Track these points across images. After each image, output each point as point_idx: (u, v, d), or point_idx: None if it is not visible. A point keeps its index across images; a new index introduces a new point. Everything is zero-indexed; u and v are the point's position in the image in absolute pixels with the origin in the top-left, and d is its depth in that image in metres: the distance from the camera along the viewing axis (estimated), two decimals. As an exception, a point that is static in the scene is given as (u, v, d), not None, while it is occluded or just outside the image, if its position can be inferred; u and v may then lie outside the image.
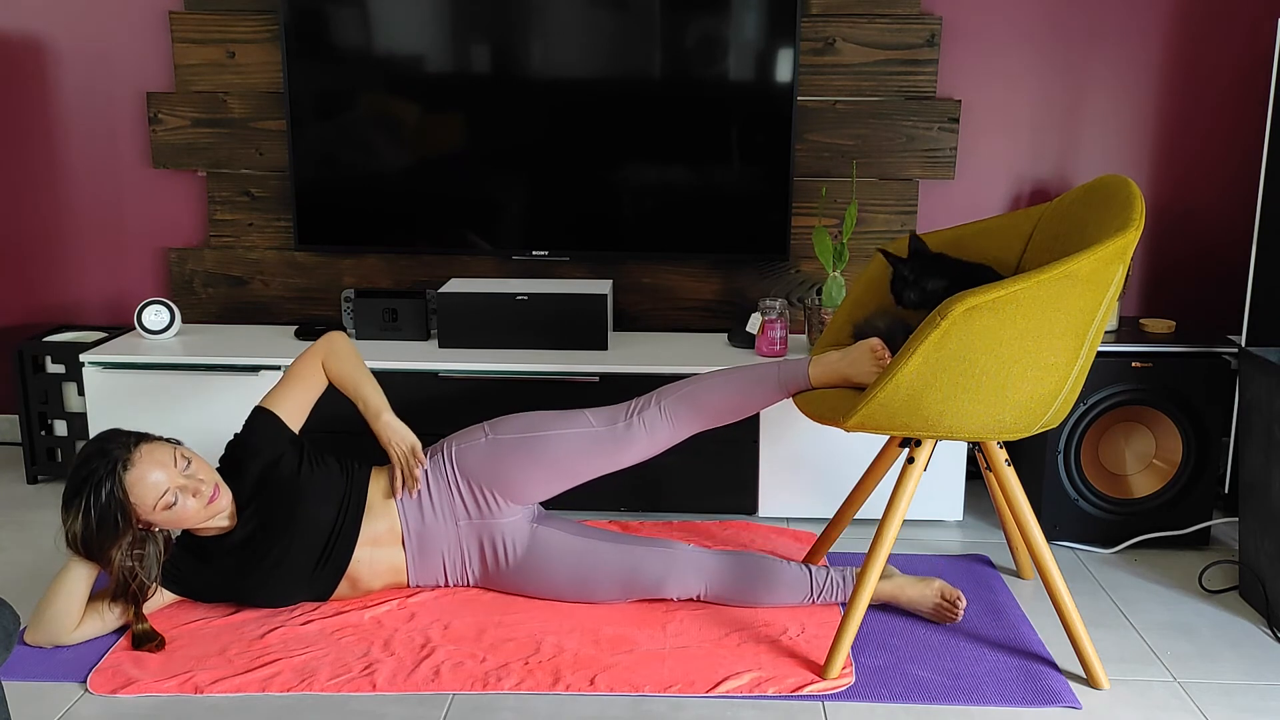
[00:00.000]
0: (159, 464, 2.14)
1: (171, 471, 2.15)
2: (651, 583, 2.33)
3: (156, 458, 2.15)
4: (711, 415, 2.33)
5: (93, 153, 3.20)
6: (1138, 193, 2.01)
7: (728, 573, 2.34)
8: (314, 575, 2.30)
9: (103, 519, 2.09)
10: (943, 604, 2.31)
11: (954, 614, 2.30)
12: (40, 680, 2.09)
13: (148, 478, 2.12)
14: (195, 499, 2.17)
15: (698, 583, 2.34)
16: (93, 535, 2.10)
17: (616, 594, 2.35)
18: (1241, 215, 3.09)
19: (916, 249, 2.34)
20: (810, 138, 3.06)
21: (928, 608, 2.32)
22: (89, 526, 2.10)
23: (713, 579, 2.34)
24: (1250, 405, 2.39)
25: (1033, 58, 3.03)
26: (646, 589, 2.34)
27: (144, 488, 2.12)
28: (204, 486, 2.18)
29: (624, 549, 2.35)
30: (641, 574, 2.33)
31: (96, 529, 2.10)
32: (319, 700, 2.03)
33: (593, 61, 2.95)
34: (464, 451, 2.36)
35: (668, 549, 2.36)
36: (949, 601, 2.30)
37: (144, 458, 2.13)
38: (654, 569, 2.33)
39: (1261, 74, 3.00)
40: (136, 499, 2.12)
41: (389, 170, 3.05)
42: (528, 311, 2.90)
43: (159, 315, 3.01)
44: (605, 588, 2.34)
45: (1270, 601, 2.34)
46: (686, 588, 2.35)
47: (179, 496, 2.15)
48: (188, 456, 2.20)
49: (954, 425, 2.00)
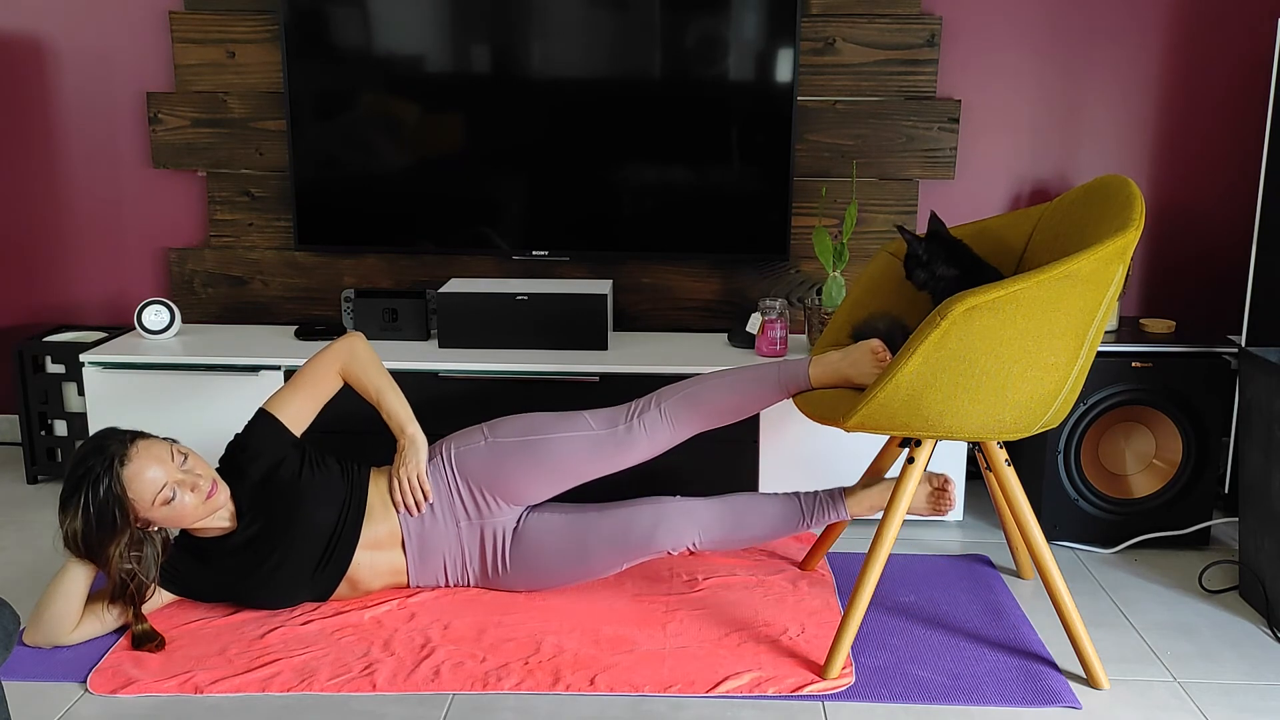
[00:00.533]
0: (156, 459, 2.14)
1: (169, 466, 2.15)
2: (644, 536, 2.31)
3: (154, 453, 2.15)
4: (712, 416, 2.34)
5: (93, 153, 3.20)
6: (1138, 193, 2.01)
7: (718, 515, 2.34)
8: (314, 577, 2.30)
9: (101, 516, 2.09)
10: (934, 491, 2.39)
11: (948, 497, 2.38)
12: (40, 680, 2.09)
13: (145, 473, 2.12)
14: (193, 494, 2.16)
15: (690, 530, 2.32)
16: (91, 533, 2.10)
17: (613, 557, 2.33)
18: (1241, 215, 3.09)
19: (935, 230, 2.35)
20: (810, 138, 3.06)
21: (923, 503, 2.40)
22: (88, 524, 2.09)
23: (704, 525, 2.33)
24: (1250, 405, 2.39)
25: (1033, 58, 3.03)
26: (641, 544, 2.31)
27: (142, 483, 2.12)
28: (201, 481, 2.18)
29: (611, 511, 2.34)
30: (633, 530, 2.31)
31: (95, 526, 2.09)
32: (319, 700, 2.03)
33: (593, 61, 2.95)
34: (464, 454, 2.36)
35: (654, 502, 2.35)
36: (938, 488, 2.39)
37: (141, 453, 2.13)
38: (644, 522, 2.31)
39: (1261, 74, 3.00)
40: (135, 494, 2.11)
41: (389, 170, 3.05)
42: (528, 311, 2.90)
43: (159, 315, 3.01)
44: (600, 554, 2.33)
45: (1270, 601, 2.34)
46: (680, 537, 2.32)
47: (177, 491, 2.14)
48: (184, 452, 2.20)
49: (954, 425, 2.00)
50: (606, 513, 2.35)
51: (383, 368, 2.39)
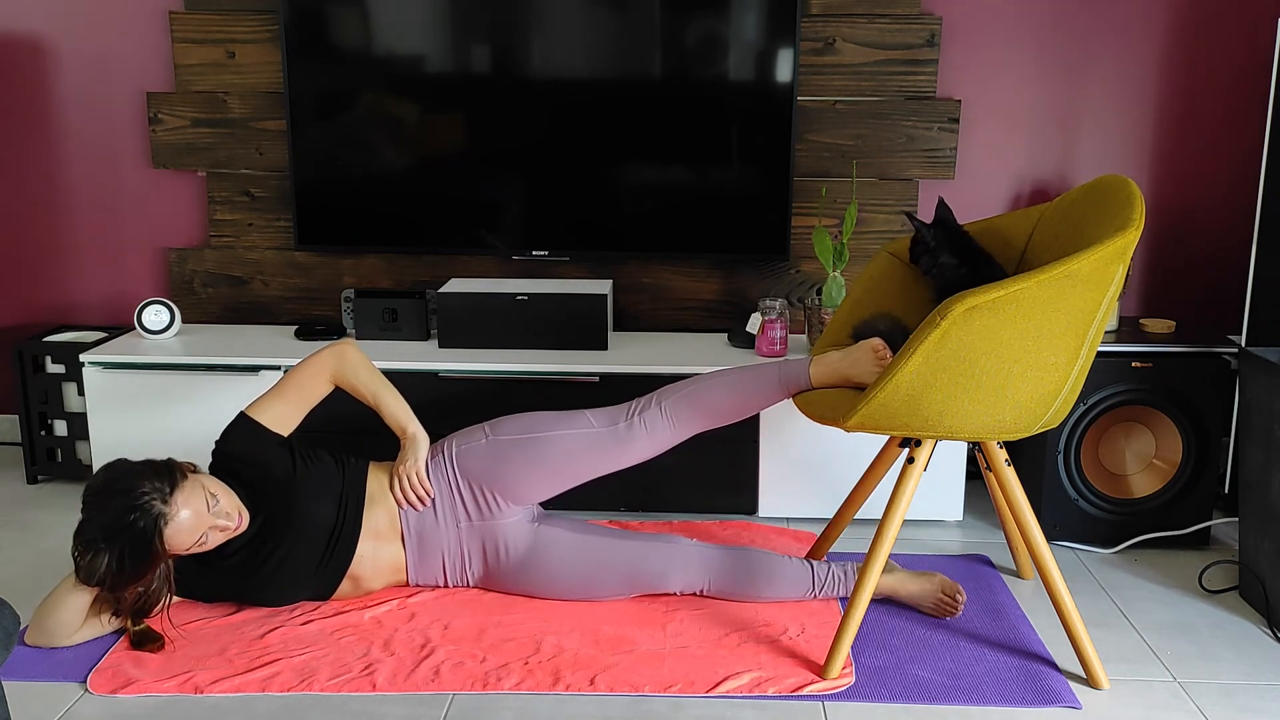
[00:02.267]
0: (195, 512, 2.13)
1: (205, 516, 2.14)
2: (655, 577, 2.33)
3: (193, 505, 2.13)
4: (712, 416, 2.34)
5: (93, 153, 3.20)
6: (1138, 193, 2.01)
7: (730, 567, 2.34)
8: (317, 572, 2.30)
9: (135, 567, 2.08)
10: (943, 599, 2.32)
11: (954, 608, 2.31)
12: (40, 680, 2.09)
13: (184, 527, 2.11)
14: (223, 534, 2.18)
15: (701, 577, 2.35)
16: (118, 579, 2.09)
17: (620, 589, 2.35)
18: (1241, 215, 3.09)
19: (942, 216, 2.35)
20: (810, 138, 3.06)
21: (929, 603, 2.33)
22: (118, 572, 2.08)
23: (715, 573, 2.35)
24: (1250, 405, 2.39)
25: (1033, 57, 3.03)
26: (650, 583, 2.34)
27: (181, 536, 2.12)
28: (230, 521, 2.18)
29: (626, 544, 2.35)
30: (644, 568, 2.33)
31: (126, 574, 2.09)
32: (319, 700, 2.03)
33: (593, 61, 2.95)
34: (464, 453, 2.36)
35: (670, 543, 2.36)
36: (949, 596, 2.32)
37: (181, 507, 2.11)
38: (657, 563, 2.33)
39: (1261, 74, 3.00)
40: (172, 547, 2.12)
41: (389, 170, 3.05)
42: (528, 311, 2.90)
43: (159, 315, 3.01)
44: (608, 583, 2.34)
45: (1270, 601, 2.34)
46: (690, 582, 2.35)
47: (209, 535, 2.16)
48: (215, 493, 2.17)
49: (954, 425, 2.00)
50: (621, 543, 2.35)
51: (375, 370, 2.37)
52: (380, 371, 2.39)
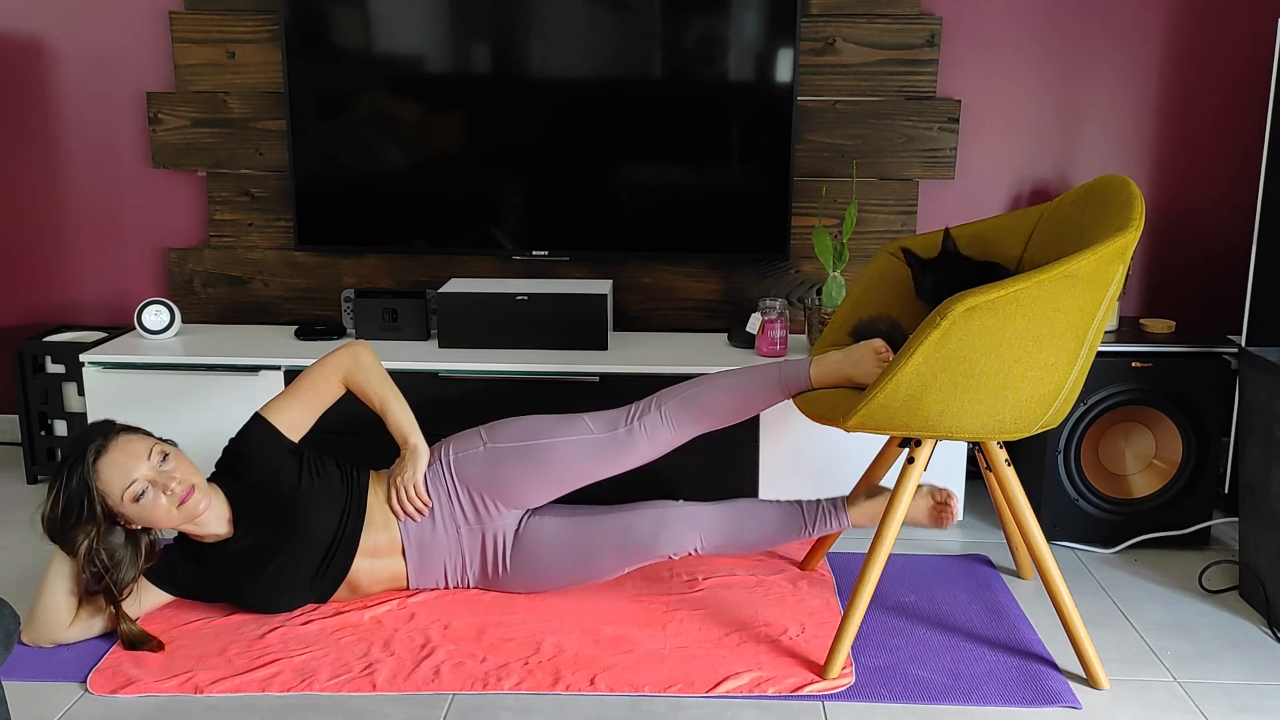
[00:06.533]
0: (132, 454, 2.14)
1: (144, 463, 2.14)
2: (646, 540, 2.30)
3: (131, 448, 2.14)
4: (713, 418, 2.33)
5: (93, 153, 3.20)
6: (1138, 193, 2.02)
7: (720, 519, 2.33)
8: (313, 583, 2.29)
9: (70, 503, 2.11)
10: (936, 505, 2.35)
11: (950, 510, 2.34)
12: (40, 680, 2.09)
13: (118, 466, 2.12)
14: (166, 496, 2.14)
15: (692, 534, 2.32)
16: (58, 518, 2.12)
17: (615, 562, 2.33)
18: (1241, 215, 3.09)
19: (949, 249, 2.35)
20: (810, 138, 3.06)
21: (924, 516, 2.35)
22: (56, 509, 2.11)
23: (706, 529, 2.32)
24: (1250, 405, 2.39)
25: (1033, 57, 3.03)
26: (643, 548, 2.31)
27: (112, 475, 2.12)
28: (174, 485, 2.15)
29: (613, 515, 2.34)
30: (634, 534, 2.30)
31: (63, 513, 2.11)
32: (319, 700, 2.03)
33: (593, 61, 2.95)
34: (462, 460, 2.35)
35: (657, 506, 2.35)
36: (941, 501, 2.34)
37: (118, 446, 2.13)
38: (646, 526, 2.31)
39: (1261, 74, 3.00)
40: (104, 486, 2.12)
41: (389, 170, 3.05)
42: (528, 311, 2.90)
43: (159, 315, 3.01)
44: (602, 558, 2.32)
45: (1270, 601, 2.34)
46: (682, 542, 2.31)
47: (149, 489, 2.13)
48: (167, 453, 2.18)
49: (954, 425, 2.00)
50: (608, 516, 2.34)
51: (387, 377, 2.37)
52: (391, 378, 2.39)
